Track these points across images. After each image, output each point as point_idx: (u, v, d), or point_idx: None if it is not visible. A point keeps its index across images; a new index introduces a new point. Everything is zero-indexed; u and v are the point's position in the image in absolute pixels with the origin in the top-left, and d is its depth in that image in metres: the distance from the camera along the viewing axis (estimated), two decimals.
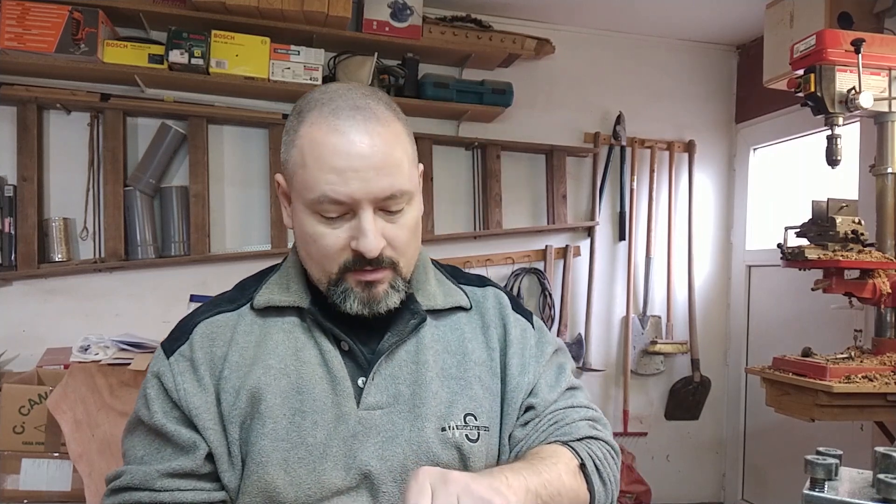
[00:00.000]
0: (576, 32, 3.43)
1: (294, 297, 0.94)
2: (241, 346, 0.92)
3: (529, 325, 1.03)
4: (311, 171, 0.85)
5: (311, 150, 0.85)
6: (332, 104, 0.87)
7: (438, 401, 0.91)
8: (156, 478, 0.87)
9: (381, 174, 0.84)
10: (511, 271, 3.30)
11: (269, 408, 0.87)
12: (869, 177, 2.35)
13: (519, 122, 3.33)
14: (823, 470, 0.71)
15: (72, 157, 2.82)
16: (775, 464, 3.32)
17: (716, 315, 3.64)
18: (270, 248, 2.98)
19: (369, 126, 0.85)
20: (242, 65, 2.75)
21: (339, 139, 0.84)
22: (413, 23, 2.95)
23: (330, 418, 0.88)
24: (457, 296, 1.00)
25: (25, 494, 2.26)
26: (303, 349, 0.92)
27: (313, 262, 0.91)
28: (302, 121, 0.88)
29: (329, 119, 0.85)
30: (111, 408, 2.16)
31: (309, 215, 0.87)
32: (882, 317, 2.20)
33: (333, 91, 0.90)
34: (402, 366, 0.93)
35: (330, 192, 0.84)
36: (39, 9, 2.53)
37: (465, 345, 0.97)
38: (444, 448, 0.89)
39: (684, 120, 3.59)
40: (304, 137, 0.86)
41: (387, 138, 0.86)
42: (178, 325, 0.97)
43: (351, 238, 0.86)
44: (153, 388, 0.91)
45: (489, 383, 0.96)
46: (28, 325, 2.78)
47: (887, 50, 2.18)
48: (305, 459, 0.86)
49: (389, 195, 0.86)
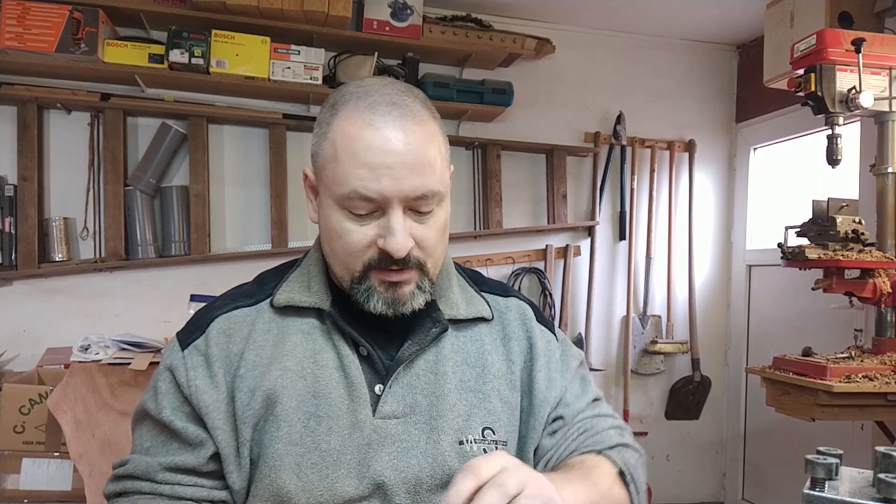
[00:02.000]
0: (576, 32, 3.43)
1: (315, 298, 0.92)
2: (259, 344, 0.90)
3: (553, 337, 1.02)
4: (342, 166, 0.83)
5: (345, 144, 0.83)
6: (369, 98, 0.85)
7: (456, 413, 0.90)
8: (158, 470, 0.86)
9: (413, 173, 0.83)
10: (511, 271, 3.30)
11: (284, 411, 0.86)
12: (869, 176, 2.34)
13: (519, 122, 3.33)
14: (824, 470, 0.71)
15: (72, 156, 2.82)
16: (775, 463, 3.32)
17: (716, 315, 3.64)
18: (271, 248, 2.98)
19: (405, 123, 0.83)
20: (243, 64, 2.75)
21: (374, 134, 0.82)
22: (413, 22, 2.95)
23: (345, 425, 0.87)
24: (479, 305, 0.98)
25: (26, 494, 2.26)
26: (321, 352, 0.90)
27: (337, 258, 0.89)
28: (336, 114, 0.85)
29: (364, 114, 0.83)
30: (111, 407, 2.16)
31: (337, 210, 0.85)
32: (882, 316, 2.19)
33: (370, 85, 0.87)
34: (420, 375, 0.91)
35: (361, 188, 0.82)
36: (40, 8, 2.53)
37: (485, 357, 0.95)
38: (461, 462, 0.86)
39: (685, 120, 3.59)
40: (338, 131, 0.84)
41: (422, 136, 0.84)
42: (194, 316, 0.95)
43: (378, 236, 0.85)
44: (165, 382, 0.90)
45: (508, 396, 0.95)
46: (28, 325, 2.79)
47: (888, 50, 2.18)
48: (318, 465, 0.85)
49: (421, 195, 0.84)
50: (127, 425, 2.14)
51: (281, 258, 2.96)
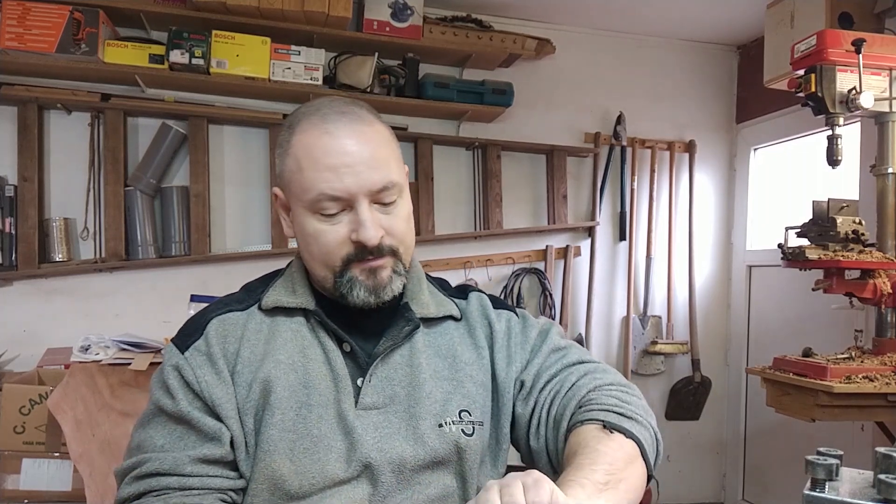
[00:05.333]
0: (576, 32, 3.43)
1: (301, 300, 1.00)
2: (252, 342, 0.96)
3: (513, 314, 1.08)
4: (307, 173, 0.92)
5: (306, 153, 0.93)
6: (320, 112, 0.95)
7: (433, 400, 0.96)
8: (186, 463, 0.89)
9: (371, 168, 0.92)
10: (511, 271, 3.30)
11: (278, 399, 0.92)
12: (869, 177, 2.34)
13: (519, 122, 3.33)
14: (824, 470, 0.71)
15: (72, 157, 2.82)
16: (776, 464, 3.32)
17: (716, 315, 3.64)
18: (271, 248, 2.98)
19: (356, 127, 0.93)
20: (243, 65, 2.75)
21: (330, 140, 0.92)
22: (413, 23, 2.95)
23: (332, 413, 0.93)
24: (448, 306, 1.06)
25: (26, 494, 2.26)
26: (309, 347, 0.97)
27: (316, 261, 0.96)
28: (293, 132, 0.96)
29: (318, 124, 0.93)
30: (112, 408, 2.16)
31: (309, 216, 0.94)
32: (882, 317, 2.19)
33: (319, 102, 0.99)
34: (397, 368, 0.97)
35: (327, 189, 0.91)
36: (40, 9, 2.53)
37: (455, 348, 1.02)
38: (442, 442, 0.94)
39: (685, 120, 3.59)
40: (297, 145, 0.94)
41: (372, 137, 0.94)
42: (188, 322, 1.01)
43: (351, 231, 0.92)
44: (174, 379, 0.94)
45: (482, 379, 1.01)
46: (28, 325, 2.79)
47: (888, 50, 2.18)
48: (310, 450, 0.91)
49: (382, 187, 0.93)
50: (127, 425, 2.14)
51: (281, 258, 2.97)
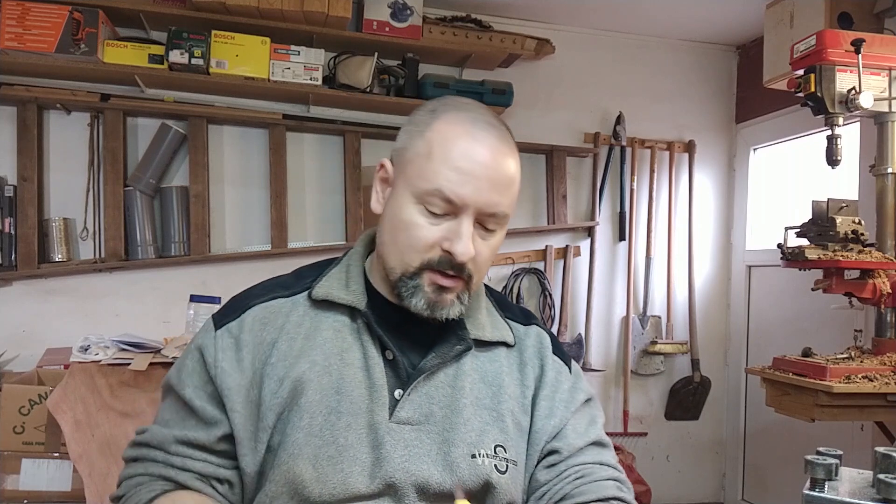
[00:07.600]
0: (576, 32, 3.43)
1: (352, 297, 0.95)
2: (291, 335, 0.93)
3: (567, 368, 1.04)
4: (435, 164, 0.89)
5: (442, 144, 0.89)
6: (471, 113, 0.92)
7: (469, 428, 0.92)
8: (171, 442, 0.91)
9: (494, 190, 0.89)
10: (511, 271, 3.30)
11: (308, 402, 0.89)
12: (869, 177, 2.35)
13: (519, 122, 3.32)
14: (824, 470, 0.71)
15: (72, 157, 2.82)
16: (775, 464, 3.32)
17: (716, 315, 3.64)
18: (270, 249, 2.98)
19: (500, 145, 0.91)
20: (242, 65, 2.75)
21: (471, 143, 0.89)
22: (413, 23, 2.95)
23: (363, 423, 0.89)
24: (503, 330, 1.02)
25: (25, 494, 2.25)
26: (348, 350, 0.93)
27: (397, 249, 0.92)
28: (437, 117, 0.92)
29: (465, 123, 0.90)
30: (111, 408, 2.16)
31: (412, 204, 0.90)
32: (882, 317, 2.19)
33: (469, 103, 0.96)
34: (439, 387, 0.94)
35: (447, 187, 0.88)
36: (39, 9, 2.53)
37: (502, 378, 0.98)
38: (472, 474, 0.90)
39: (684, 120, 3.59)
40: (436, 132, 0.90)
41: (509, 163, 0.91)
42: (231, 300, 0.99)
43: (444, 238, 0.89)
44: (192, 361, 0.94)
45: (520, 419, 0.97)
46: (28, 325, 2.79)
47: (887, 50, 2.18)
48: (334, 458, 0.87)
49: (494, 212, 0.90)
50: (127, 426, 2.15)
51: (280, 259, 2.97)
